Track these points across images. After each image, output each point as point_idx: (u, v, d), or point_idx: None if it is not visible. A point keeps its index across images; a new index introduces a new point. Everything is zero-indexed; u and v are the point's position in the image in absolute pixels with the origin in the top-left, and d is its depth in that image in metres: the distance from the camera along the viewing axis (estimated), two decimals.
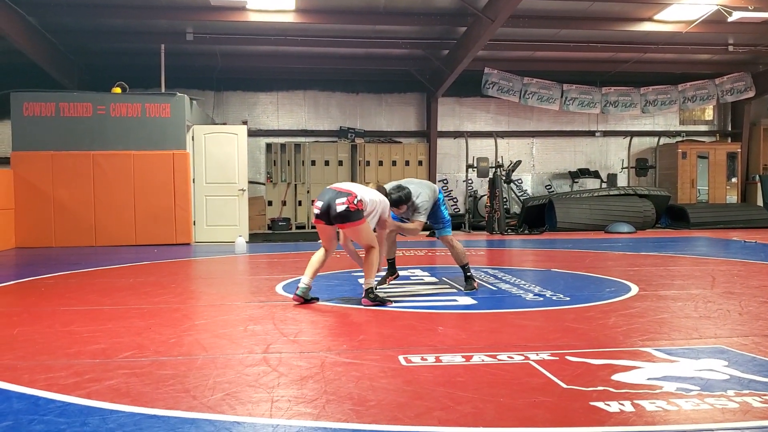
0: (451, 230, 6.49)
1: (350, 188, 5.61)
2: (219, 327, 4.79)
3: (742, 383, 3.27)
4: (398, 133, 17.60)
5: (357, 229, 5.53)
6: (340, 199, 5.44)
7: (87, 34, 13.76)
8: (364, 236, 5.59)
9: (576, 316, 5.06)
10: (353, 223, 5.47)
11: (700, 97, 17.36)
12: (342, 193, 5.51)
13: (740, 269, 7.85)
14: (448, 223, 6.44)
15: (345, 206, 5.41)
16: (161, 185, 12.11)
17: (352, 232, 5.62)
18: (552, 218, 14.87)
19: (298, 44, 14.42)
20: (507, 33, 13.71)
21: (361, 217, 5.49)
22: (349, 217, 5.44)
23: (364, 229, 5.56)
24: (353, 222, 5.47)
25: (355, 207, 5.43)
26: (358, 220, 5.47)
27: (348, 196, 5.46)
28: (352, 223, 5.47)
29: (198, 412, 2.93)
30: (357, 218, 5.47)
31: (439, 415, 2.86)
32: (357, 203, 5.44)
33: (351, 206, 5.41)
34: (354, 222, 5.47)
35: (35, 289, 6.88)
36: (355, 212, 5.44)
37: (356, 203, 5.43)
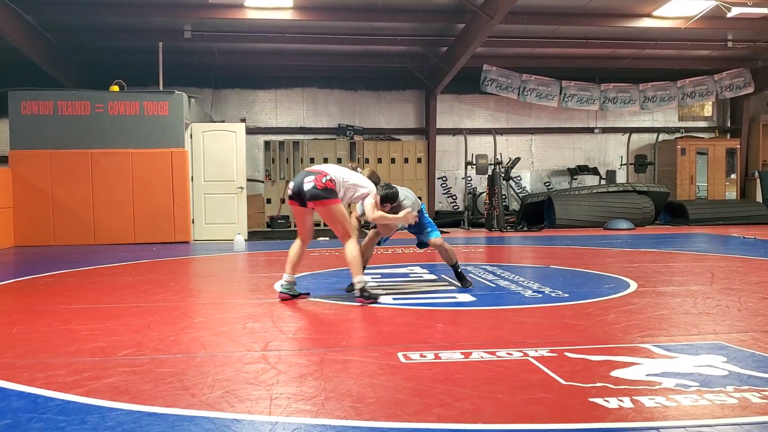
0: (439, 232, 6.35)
1: (323, 169, 5.60)
2: (218, 325, 4.79)
3: (741, 379, 3.27)
4: (397, 130, 17.60)
5: (329, 209, 5.46)
6: (308, 178, 5.45)
7: (85, 32, 13.75)
8: (337, 219, 5.50)
9: (575, 313, 5.06)
10: (324, 201, 5.42)
11: (699, 93, 17.36)
12: (311, 172, 5.53)
13: (739, 265, 7.86)
14: (434, 225, 6.35)
15: (312, 184, 5.41)
16: (160, 183, 12.10)
17: (324, 213, 5.52)
18: (551, 215, 14.87)
19: (297, 41, 14.42)
20: (505, 30, 13.69)
21: (333, 197, 5.44)
22: (318, 195, 5.41)
23: (337, 211, 5.49)
24: (324, 200, 5.42)
25: (323, 185, 5.40)
26: (328, 198, 5.43)
27: (317, 175, 5.45)
28: (323, 201, 5.42)
29: (197, 409, 2.93)
30: (327, 197, 5.43)
31: (438, 411, 2.86)
32: (326, 182, 5.41)
33: (318, 184, 5.40)
34: (325, 200, 5.42)
35: (34, 287, 6.87)
36: (324, 190, 5.40)
37: (324, 182, 5.40)
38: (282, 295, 5.67)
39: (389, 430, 2.66)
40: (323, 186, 5.41)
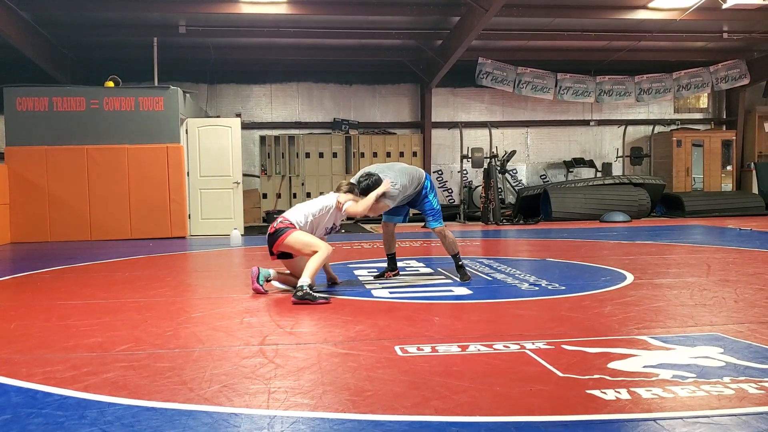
0: (443, 221, 6.32)
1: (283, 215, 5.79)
2: (215, 319, 4.79)
3: (737, 370, 3.28)
4: (392, 124, 17.59)
5: (285, 244, 5.56)
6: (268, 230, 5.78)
7: (79, 28, 13.70)
8: (297, 247, 5.56)
9: (572, 305, 5.07)
10: (278, 240, 5.56)
11: (694, 84, 17.36)
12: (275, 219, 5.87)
13: (735, 257, 7.88)
14: (438, 214, 6.25)
15: (268, 233, 5.72)
16: (156, 179, 12.08)
17: (286, 249, 5.62)
18: (547, 208, 14.89)
19: (291, 36, 14.38)
20: (500, 22, 13.68)
21: (282, 233, 5.56)
22: (274, 239, 5.60)
23: (294, 240, 5.54)
24: (277, 240, 5.57)
25: (274, 229, 5.62)
26: (280, 236, 5.56)
27: (270, 226, 5.75)
28: (276, 242, 5.57)
29: (195, 404, 2.94)
30: (279, 235, 5.57)
31: (436, 404, 2.87)
32: (277, 225, 5.62)
33: (271, 229, 5.67)
34: (278, 240, 5.57)
35: (31, 283, 6.87)
36: (275, 233, 5.59)
37: (276, 225, 5.62)
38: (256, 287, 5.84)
39: (387, 423, 2.66)
40: (274, 229, 5.61)
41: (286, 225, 5.59)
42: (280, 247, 5.58)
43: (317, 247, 5.51)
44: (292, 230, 5.55)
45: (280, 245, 5.57)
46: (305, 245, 5.54)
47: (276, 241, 5.57)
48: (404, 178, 6.06)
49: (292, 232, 5.54)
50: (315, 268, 5.41)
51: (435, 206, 6.26)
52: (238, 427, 2.66)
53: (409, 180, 6.10)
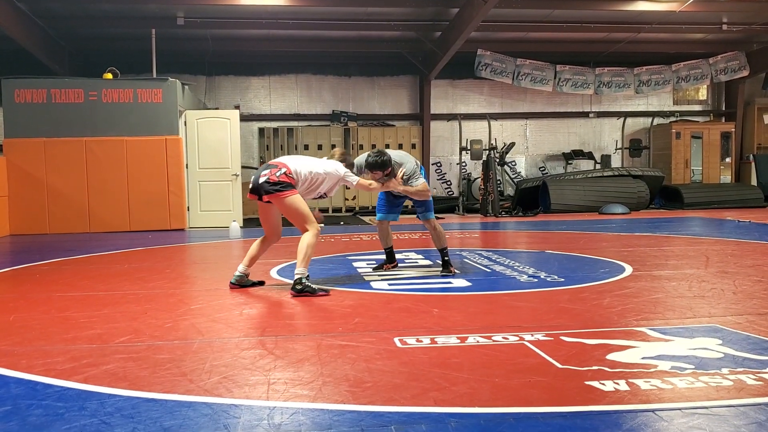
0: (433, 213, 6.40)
1: (282, 161, 5.54)
2: (215, 311, 4.80)
3: (736, 361, 3.29)
4: (391, 116, 17.56)
5: (283, 202, 5.37)
6: (265, 171, 5.43)
7: (77, 20, 13.64)
8: (293, 211, 5.42)
9: (570, 297, 5.08)
10: (277, 194, 5.34)
11: (693, 76, 17.33)
12: (270, 165, 5.51)
13: (734, 249, 7.89)
14: (431, 205, 6.34)
15: (266, 178, 5.36)
16: (154, 171, 12.07)
17: (280, 207, 5.46)
18: (546, 200, 14.89)
19: (290, 27, 14.34)
20: (500, 14, 13.64)
21: (286, 189, 5.35)
22: (270, 190, 5.34)
23: (292, 204, 5.38)
24: (276, 194, 5.34)
25: (276, 179, 5.33)
26: (281, 191, 5.34)
27: (272, 169, 5.42)
28: (276, 194, 5.34)
29: (195, 395, 2.94)
30: (281, 190, 5.34)
31: (435, 395, 2.88)
32: (280, 176, 5.35)
33: (272, 178, 5.34)
34: (277, 194, 5.34)
35: (30, 275, 6.87)
36: (277, 184, 5.33)
37: (279, 176, 5.35)
38: (231, 285, 5.70)
39: (386, 414, 2.67)
40: (276, 180, 5.35)
41: (289, 181, 5.37)
42: (276, 200, 5.41)
43: (309, 224, 5.43)
44: (294, 191, 5.39)
45: (277, 199, 5.39)
46: (300, 216, 5.44)
47: (274, 194, 5.35)
48: (412, 162, 6.13)
49: (294, 193, 5.39)
50: (308, 256, 5.33)
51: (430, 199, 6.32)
52: (237, 418, 2.66)
53: (414, 165, 6.14)
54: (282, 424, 2.60)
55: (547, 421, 2.58)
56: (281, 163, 5.48)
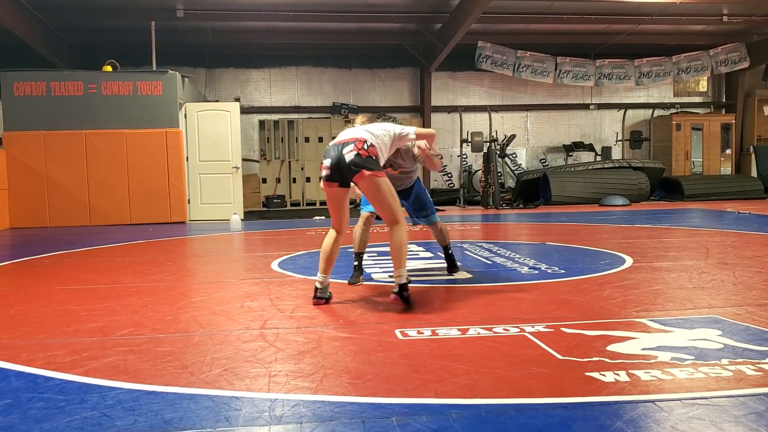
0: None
1: (357, 135, 4.56)
2: (215, 304, 4.80)
3: (735, 352, 3.29)
4: (392, 108, 17.52)
5: (376, 183, 4.44)
6: (348, 147, 4.43)
7: (76, 12, 13.61)
8: (385, 196, 4.50)
9: (571, 289, 5.08)
10: (372, 172, 4.40)
11: (694, 68, 17.30)
12: (347, 142, 4.49)
13: (734, 240, 7.88)
14: (432, 205, 5.78)
15: (355, 152, 4.39)
16: (155, 164, 12.07)
17: (370, 189, 4.49)
18: (547, 192, 14.89)
19: (290, 19, 14.30)
20: (500, 6, 13.60)
21: (379, 168, 4.49)
22: (365, 165, 4.39)
23: (385, 186, 4.49)
24: (372, 171, 4.40)
25: (367, 153, 4.42)
26: (375, 169, 4.44)
27: (356, 142, 4.45)
28: (371, 172, 4.39)
29: (196, 387, 2.95)
30: (374, 167, 4.43)
31: (436, 387, 2.88)
32: (368, 148, 4.44)
33: (362, 152, 4.41)
34: (373, 171, 4.41)
35: (31, 268, 6.88)
36: (368, 159, 4.41)
37: (367, 148, 4.43)
38: (317, 301, 4.70)
39: (388, 406, 2.68)
40: (367, 154, 4.42)
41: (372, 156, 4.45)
42: (368, 182, 4.45)
43: (399, 217, 4.58)
44: (384, 174, 4.54)
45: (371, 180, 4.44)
46: (392, 200, 4.55)
47: (367, 171, 4.40)
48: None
49: (384, 176, 4.52)
50: (404, 256, 4.53)
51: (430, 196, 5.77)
52: (239, 411, 2.67)
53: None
54: (283, 416, 2.61)
55: (548, 412, 2.58)
56: (359, 137, 4.52)
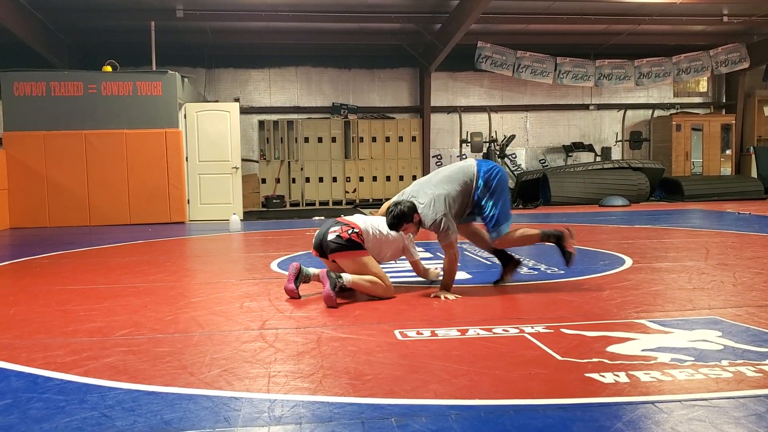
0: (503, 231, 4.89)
1: (353, 220, 4.89)
2: (215, 304, 4.80)
3: (735, 353, 3.29)
4: (391, 108, 17.54)
5: (355, 260, 4.74)
6: (334, 228, 4.80)
7: (76, 12, 13.62)
8: (366, 270, 4.75)
9: (570, 289, 5.08)
10: (349, 252, 4.74)
11: (694, 68, 17.30)
12: (339, 222, 4.87)
13: (734, 241, 7.88)
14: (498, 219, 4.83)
15: (336, 234, 4.75)
16: (154, 164, 12.07)
17: (348, 265, 4.77)
18: (546, 192, 14.89)
19: (290, 20, 14.31)
20: (500, 6, 13.61)
21: (357, 248, 4.75)
22: (341, 247, 4.74)
23: (366, 262, 4.75)
24: (348, 252, 4.74)
25: (349, 237, 4.72)
26: (352, 249, 4.75)
27: (343, 226, 4.79)
28: (347, 252, 4.74)
29: (196, 388, 2.94)
30: (352, 248, 4.74)
31: (435, 388, 2.88)
32: (351, 234, 4.73)
33: (343, 235, 4.73)
34: (349, 252, 4.74)
35: (30, 268, 6.87)
36: (348, 242, 4.72)
37: (350, 234, 4.73)
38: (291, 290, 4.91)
39: (387, 407, 2.67)
40: (348, 237, 4.72)
41: (359, 242, 4.75)
42: (346, 259, 4.76)
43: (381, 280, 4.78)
44: (365, 252, 4.78)
45: (346, 257, 4.75)
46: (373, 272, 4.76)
47: (343, 252, 4.73)
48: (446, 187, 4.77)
49: (366, 254, 4.77)
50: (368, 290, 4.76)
51: (492, 212, 4.84)
52: (238, 411, 2.66)
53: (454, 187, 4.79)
54: (282, 416, 2.61)
55: (548, 413, 2.58)
56: (351, 223, 4.84)
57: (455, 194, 4.77)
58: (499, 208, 4.80)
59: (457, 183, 4.78)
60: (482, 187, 4.80)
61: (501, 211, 4.81)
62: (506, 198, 4.85)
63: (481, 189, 4.80)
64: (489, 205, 4.81)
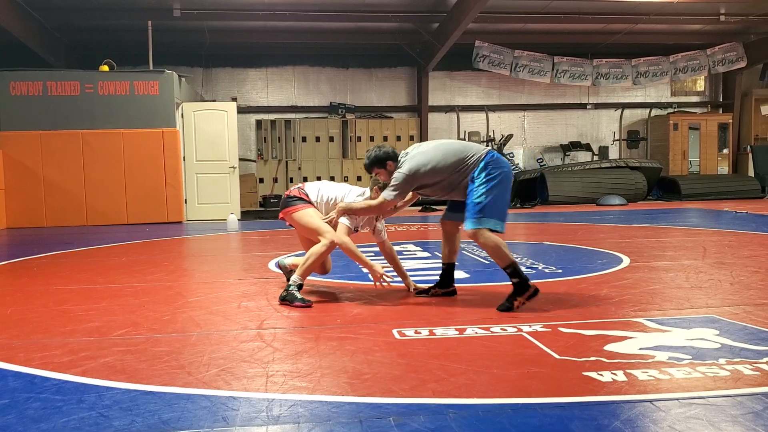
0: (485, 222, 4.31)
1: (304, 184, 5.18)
2: (213, 304, 4.80)
3: (733, 351, 3.30)
4: (389, 108, 17.53)
5: (292, 218, 4.95)
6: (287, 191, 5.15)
7: (73, 12, 13.59)
8: (302, 224, 4.92)
9: (568, 288, 5.09)
10: (287, 209, 4.98)
11: (691, 67, 17.32)
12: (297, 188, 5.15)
13: (731, 239, 7.90)
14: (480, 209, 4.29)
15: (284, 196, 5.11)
16: (151, 164, 12.06)
17: (293, 222, 4.99)
18: (544, 192, 14.90)
19: (287, 19, 14.29)
20: (497, 5, 13.61)
21: (295, 204, 4.95)
22: (284, 205, 5.04)
23: (303, 216, 4.89)
24: (287, 208, 4.98)
25: (289, 193, 5.05)
26: (291, 206, 4.96)
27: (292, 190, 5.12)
28: (287, 209, 4.98)
29: (194, 387, 2.94)
30: (291, 204, 4.97)
31: (434, 386, 2.88)
32: (296, 191, 5.04)
33: (287, 193, 5.08)
34: (288, 208, 4.98)
35: (27, 268, 6.86)
36: (289, 198, 5.00)
37: (296, 190, 5.04)
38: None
39: (385, 406, 2.67)
40: (288, 194, 5.06)
41: (302, 196, 4.99)
42: (287, 217, 5.03)
43: (323, 234, 4.76)
44: (306, 206, 4.94)
45: (286, 214, 5.03)
46: (311, 228, 4.86)
47: (284, 209, 5.03)
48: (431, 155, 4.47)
49: (305, 208, 4.93)
50: (309, 267, 4.78)
51: (479, 199, 4.31)
52: (236, 411, 2.66)
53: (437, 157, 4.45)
54: (280, 416, 2.60)
55: (545, 412, 2.58)
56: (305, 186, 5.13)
57: (443, 167, 4.42)
58: (489, 199, 4.29)
59: (454, 158, 4.44)
60: (481, 170, 4.35)
61: (491, 204, 4.30)
62: (503, 196, 4.40)
63: (479, 171, 4.35)
64: (480, 191, 4.31)
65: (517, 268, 4.34)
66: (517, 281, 4.31)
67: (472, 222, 4.32)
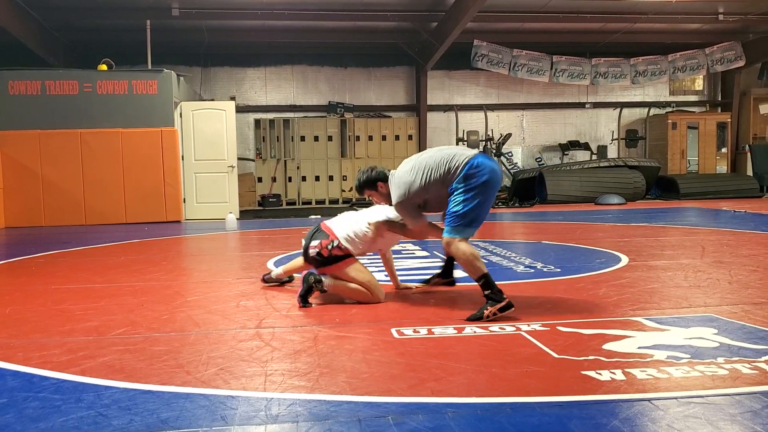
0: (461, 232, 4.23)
1: (333, 229, 4.72)
2: (211, 303, 4.79)
3: (731, 350, 3.30)
4: (388, 107, 17.53)
5: (342, 271, 4.66)
6: (314, 242, 4.68)
7: (72, 11, 13.59)
8: (350, 280, 4.65)
9: (567, 287, 5.08)
10: (330, 267, 4.66)
11: (690, 67, 17.33)
12: (322, 232, 4.73)
13: (730, 239, 7.90)
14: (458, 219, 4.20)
15: (316, 251, 4.64)
16: (150, 163, 12.06)
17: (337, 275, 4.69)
18: (542, 191, 14.91)
19: (285, 18, 14.29)
20: (496, 4, 13.61)
21: (340, 260, 4.64)
22: (323, 263, 4.67)
23: (346, 274, 4.65)
24: (329, 266, 4.67)
25: (329, 253, 4.61)
26: (335, 263, 4.65)
27: (323, 240, 4.65)
28: (330, 267, 4.66)
29: (192, 386, 2.94)
30: (335, 262, 4.65)
31: (432, 386, 2.88)
32: (332, 249, 4.61)
33: (324, 251, 4.61)
34: (330, 266, 4.66)
35: (26, 268, 6.85)
36: (329, 258, 4.63)
37: (330, 249, 4.61)
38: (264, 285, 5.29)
39: (384, 405, 2.67)
40: (328, 253, 4.62)
41: (344, 252, 4.63)
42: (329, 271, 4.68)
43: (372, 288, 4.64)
44: (350, 260, 4.67)
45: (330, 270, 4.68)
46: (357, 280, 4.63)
47: (329, 267, 4.66)
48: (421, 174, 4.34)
49: (353, 262, 4.68)
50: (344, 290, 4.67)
51: (456, 208, 4.21)
52: (235, 410, 2.66)
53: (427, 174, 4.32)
54: (279, 415, 2.60)
55: (544, 411, 2.58)
56: (333, 233, 4.68)
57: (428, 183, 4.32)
58: (467, 207, 4.18)
59: (437, 172, 4.30)
60: (461, 179, 4.22)
61: (467, 212, 4.19)
62: (482, 204, 4.25)
63: (459, 180, 4.22)
64: (458, 200, 4.20)
65: (489, 280, 4.21)
66: (489, 292, 4.16)
67: (447, 231, 4.27)
